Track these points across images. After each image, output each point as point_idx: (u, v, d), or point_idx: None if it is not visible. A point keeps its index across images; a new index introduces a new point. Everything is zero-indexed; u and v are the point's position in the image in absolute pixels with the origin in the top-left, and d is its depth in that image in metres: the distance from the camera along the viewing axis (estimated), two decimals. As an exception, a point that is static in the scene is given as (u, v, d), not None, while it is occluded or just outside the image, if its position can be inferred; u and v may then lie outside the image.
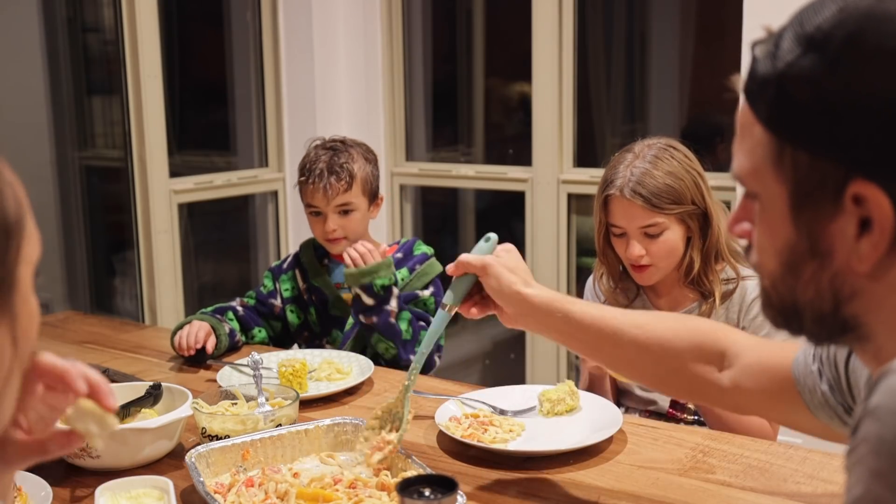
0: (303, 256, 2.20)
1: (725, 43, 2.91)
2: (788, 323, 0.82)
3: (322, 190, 2.03)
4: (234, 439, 1.41)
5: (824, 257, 0.74)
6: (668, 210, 1.70)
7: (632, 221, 1.72)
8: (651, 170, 1.70)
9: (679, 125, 3.61)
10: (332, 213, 2.06)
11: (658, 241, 1.73)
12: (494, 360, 3.93)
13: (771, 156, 0.75)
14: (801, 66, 0.71)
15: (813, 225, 0.74)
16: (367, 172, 2.09)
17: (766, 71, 0.74)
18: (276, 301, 2.19)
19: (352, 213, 2.07)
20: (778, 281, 0.79)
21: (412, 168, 3.62)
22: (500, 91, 3.90)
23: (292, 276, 2.20)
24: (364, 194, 2.08)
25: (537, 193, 3.29)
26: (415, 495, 1.09)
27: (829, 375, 1.04)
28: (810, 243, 0.75)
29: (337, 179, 2.03)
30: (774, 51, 0.73)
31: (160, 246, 3.17)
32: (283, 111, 3.56)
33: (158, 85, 3.11)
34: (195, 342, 1.95)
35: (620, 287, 1.87)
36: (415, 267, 2.12)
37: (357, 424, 1.49)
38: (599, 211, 1.79)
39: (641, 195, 1.69)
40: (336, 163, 2.05)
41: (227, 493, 1.31)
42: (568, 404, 1.65)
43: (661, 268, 1.76)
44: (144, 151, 3.11)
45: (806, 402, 1.07)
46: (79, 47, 3.93)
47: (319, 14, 3.45)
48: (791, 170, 0.74)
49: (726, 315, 1.78)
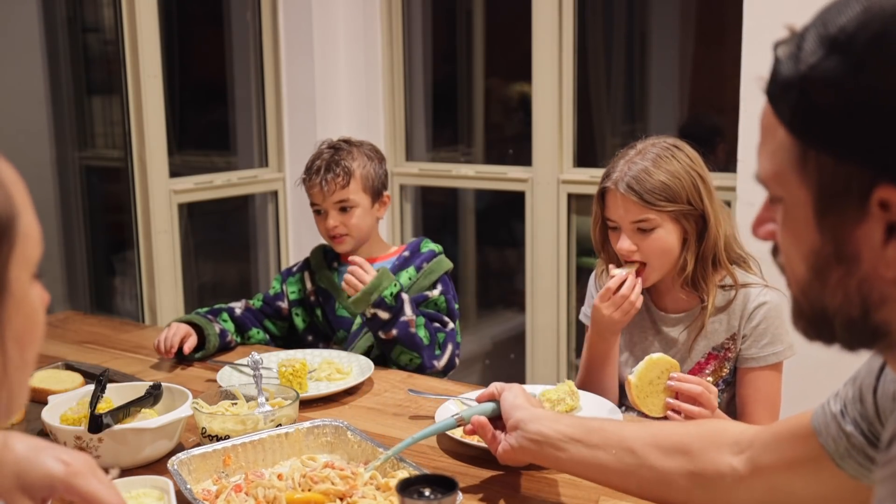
0: (312, 259, 2.23)
1: (725, 43, 2.91)
2: (820, 332, 0.79)
3: (319, 186, 2.08)
4: (213, 445, 1.40)
5: (850, 262, 0.72)
6: (661, 207, 1.69)
7: (624, 215, 1.72)
8: (649, 167, 1.70)
9: (679, 125, 3.61)
10: (332, 209, 2.09)
11: (650, 237, 1.72)
12: (494, 360, 3.93)
13: (794, 159, 0.73)
14: (824, 68, 0.69)
15: (838, 230, 0.72)
16: (368, 170, 2.11)
17: (788, 73, 0.72)
18: (282, 303, 2.22)
19: (351, 209, 2.09)
20: (806, 287, 0.77)
21: (412, 168, 3.62)
22: (500, 91, 3.90)
23: (300, 279, 2.23)
24: (365, 191, 2.10)
25: (537, 193, 3.29)
26: (415, 495, 1.09)
27: (854, 413, 0.97)
28: (836, 248, 0.73)
29: (334, 176, 2.07)
30: (797, 52, 0.71)
31: (160, 246, 3.17)
32: (283, 111, 3.56)
33: (158, 85, 3.11)
34: (170, 346, 1.98)
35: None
36: (422, 265, 2.11)
37: (338, 426, 1.48)
38: (596, 204, 1.80)
39: (634, 190, 1.69)
40: (334, 160, 2.08)
41: (216, 499, 1.30)
42: (568, 404, 1.65)
43: (656, 267, 1.75)
44: (144, 151, 3.11)
45: (830, 454, 0.98)
46: (79, 47, 3.92)
47: (319, 14, 3.45)
48: (815, 174, 0.72)
49: (727, 322, 1.77)
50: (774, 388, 1.75)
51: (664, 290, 1.84)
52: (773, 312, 1.73)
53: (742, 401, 1.77)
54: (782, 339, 1.73)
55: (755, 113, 2.99)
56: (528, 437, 1.25)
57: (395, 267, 2.12)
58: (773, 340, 1.73)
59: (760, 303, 1.74)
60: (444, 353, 2.01)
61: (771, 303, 1.74)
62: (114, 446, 1.41)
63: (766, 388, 1.74)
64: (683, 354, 1.80)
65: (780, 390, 1.77)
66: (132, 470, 1.41)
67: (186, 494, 1.25)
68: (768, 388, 1.75)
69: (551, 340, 3.31)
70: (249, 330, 2.18)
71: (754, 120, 3.09)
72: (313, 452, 1.47)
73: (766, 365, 1.74)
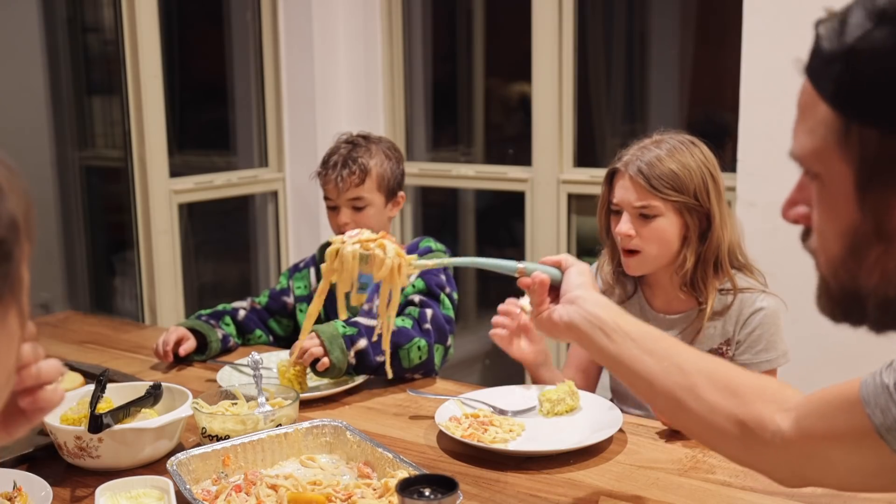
0: (319, 256, 2.21)
1: (725, 43, 2.91)
2: (848, 313, 0.78)
3: (334, 182, 2.04)
4: (213, 445, 1.40)
5: (891, 240, 0.71)
6: (666, 195, 1.69)
7: (628, 199, 1.71)
8: (662, 155, 1.70)
9: (679, 125, 3.61)
10: (345, 206, 2.05)
11: (650, 224, 1.71)
12: (494, 360, 3.93)
13: (836, 134, 0.72)
14: (871, 39, 0.69)
15: (880, 206, 0.71)
16: (385, 169, 2.07)
17: (832, 47, 0.71)
18: (288, 298, 2.21)
19: (365, 208, 2.05)
20: (839, 266, 0.76)
21: (412, 168, 3.62)
22: (500, 91, 3.90)
23: (306, 275, 2.22)
24: (379, 190, 2.07)
25: (537, 193, 3.29)
26: (415, 495, 1.09)
27: None
28: (876, 225, 0.72)
29: (349, 173, 2.02)
30: (841, 27, 0.71)
31: (160, 246, 3.17)
32: (283, 111, 3.56)
33: (158, 85, 3.11)
34: (166, 349, 1.98)
35: (619, 279, 1.85)
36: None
37: (337, 426, 1.48)
38: (604, 185, 1.79)
39: (643, 174, 1.69)
40: (351, 157, 2.04)
41: (215, 499, 1.30)
42: (568, 404, 1.65)
43: (651, 257, 1.74)
44: (144, 151, 3.11)
45: (876, 426, 0.93)
46: (79, 47, 3.92)
47: (319, 14, 3.45)
48: (857, 148, 0.71)
49: (723, 327, 1.75)
50: None
51: (660, 290, 1.83)
52: (770, 319, 1.72)
53: None
54: (777, 346, 1.72)
55: (755, 113, 3.00)
56: (582, 315, 1.15)
57: None
58: (768, 347, 1.72)
59: (757, 308, 1.73)
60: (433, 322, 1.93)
61: (767, 309, 1.72)
62: (114, 446, 1.41)
63: None
64: None
65: None
66: (132, 470, 1.41)
67: (186, 495, 1.25)
68: None
69: (551, 340, 3.30)
70: (252, 332, 2.18)
71: (754, 120, 3.09)
72: (313, 452, 1.47)
73: (759, 372, 1.72)
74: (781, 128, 3.14)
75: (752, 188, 2.60)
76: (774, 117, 2.54)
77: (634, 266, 1.76)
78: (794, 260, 2.42)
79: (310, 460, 1.45)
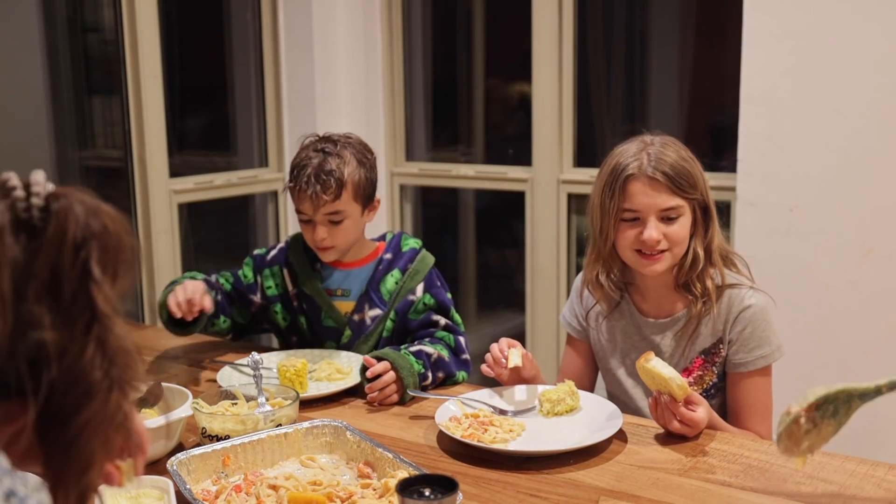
0: (291, 256, 2.07)
1: (725, 43, 2.91)
2: None
3: (309, 199, 1.90)
4: (213, 445, 1.40)
5: None
6: (687, 194, 1.67)
7: (653, 202, 1.66)
8: (670, 154, 1.68)
9: (679, 125, 3.61)
10: (321, 221, 1.93)
11: (674, 226, 1.68)
12: (494, 360, 3.93)
13: None
14: None
15: None
16: (360, 177, 1.93)
17: None
18: (254, 296, 2.08)
19: (342, 221, 1.93)
20: None
21: (412, 168, 3.62)
22: (500, 91, 3.90)
23: (279, 274, 2.08)
24: (356, 200, 1.94)
25: (537, 193, 3.29)
26: (415, 495, 1.09)
27: None
28: None
29: (324, 188, 1.88)
30: None
31: (160, 246, 3.17)
32: (283, 111, 3.56)
33: (158, 85, 3.11)
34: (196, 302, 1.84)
35: (612, 287, 1.82)
36: (406, 266, 2.01)
37: (337, 427, 1.48)
38: (615, 196, 1.68)
39: (665, 173, 1.65)
40: (324, 169, 1.89)
41: (215, 499, 1.30)
42: (568, 404, 1.65)
43: (674, 257, 1.70)
44: (144, 151, 3.11)
45: None
46: (79, 47, 3.92)
47: (319, 14, 3.45)
48: None
49: (712, 326, 1.73)
50: (765, 391, 1.73)
51: (651, 294, 1.80)
52: (759, 315, 1.71)
53: (734, 406, 1.74)
54: (770, 342, 1.71)
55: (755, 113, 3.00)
56: None
57: (380, 272, 2.01)
58: (761, 343, 1.71)
59: (745, 307, 1.71)
60: (462, 350, 1.98)
61: (756, 306, 1.71)
62: (114, 446, 1.41)
63: (756, 393, 1.72)
64: (677, 359, 1.77)
65: (770, 393, 1.74)
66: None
67: (186, 495, 1.25)
68: (759, 391, 1.72)
69: (551, 340, 3.30)
70: (218, 318, 2.05)
71: (754, 120, 3.09)
72: (313, 453, 1.47)
73: (755, 369, 1.72)
74: (781, 128, 3.17)
75: (752, 188, 2.60)
76: (774, 117, 2.54)
77: (660, 268, 1.71)
78: (794, 260, 2.42)
79: (310, 460, 1.45)
